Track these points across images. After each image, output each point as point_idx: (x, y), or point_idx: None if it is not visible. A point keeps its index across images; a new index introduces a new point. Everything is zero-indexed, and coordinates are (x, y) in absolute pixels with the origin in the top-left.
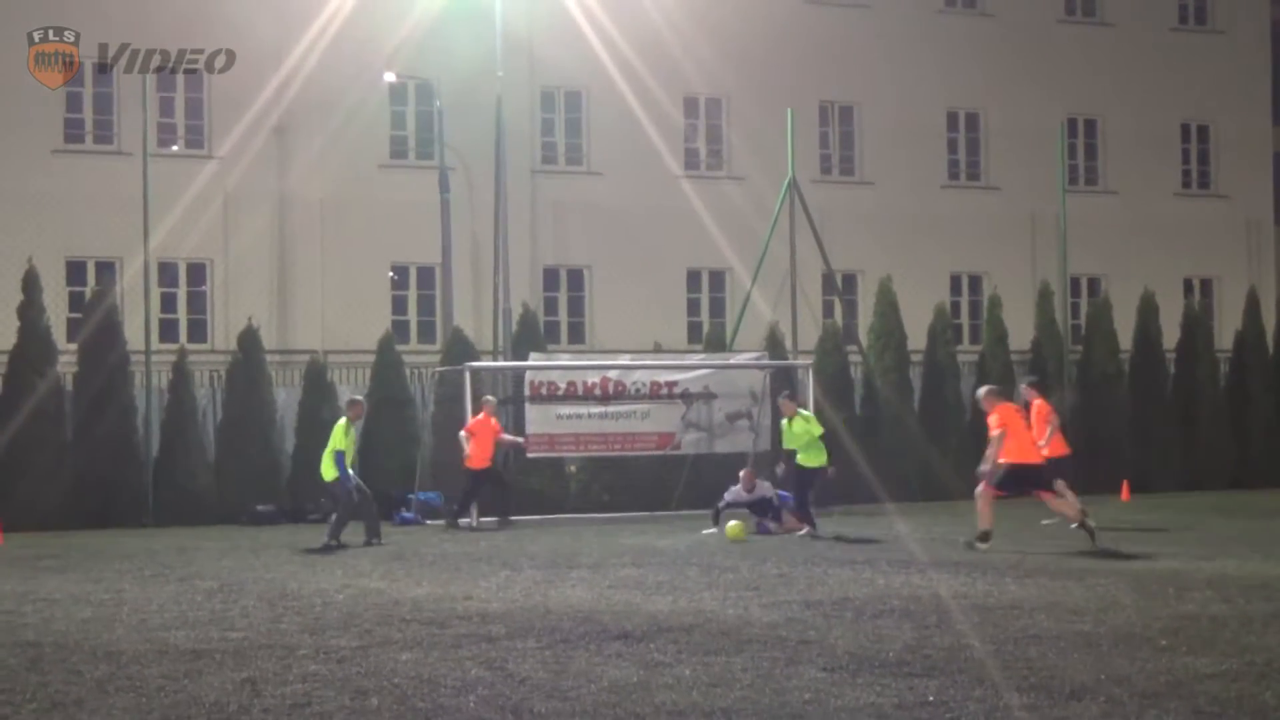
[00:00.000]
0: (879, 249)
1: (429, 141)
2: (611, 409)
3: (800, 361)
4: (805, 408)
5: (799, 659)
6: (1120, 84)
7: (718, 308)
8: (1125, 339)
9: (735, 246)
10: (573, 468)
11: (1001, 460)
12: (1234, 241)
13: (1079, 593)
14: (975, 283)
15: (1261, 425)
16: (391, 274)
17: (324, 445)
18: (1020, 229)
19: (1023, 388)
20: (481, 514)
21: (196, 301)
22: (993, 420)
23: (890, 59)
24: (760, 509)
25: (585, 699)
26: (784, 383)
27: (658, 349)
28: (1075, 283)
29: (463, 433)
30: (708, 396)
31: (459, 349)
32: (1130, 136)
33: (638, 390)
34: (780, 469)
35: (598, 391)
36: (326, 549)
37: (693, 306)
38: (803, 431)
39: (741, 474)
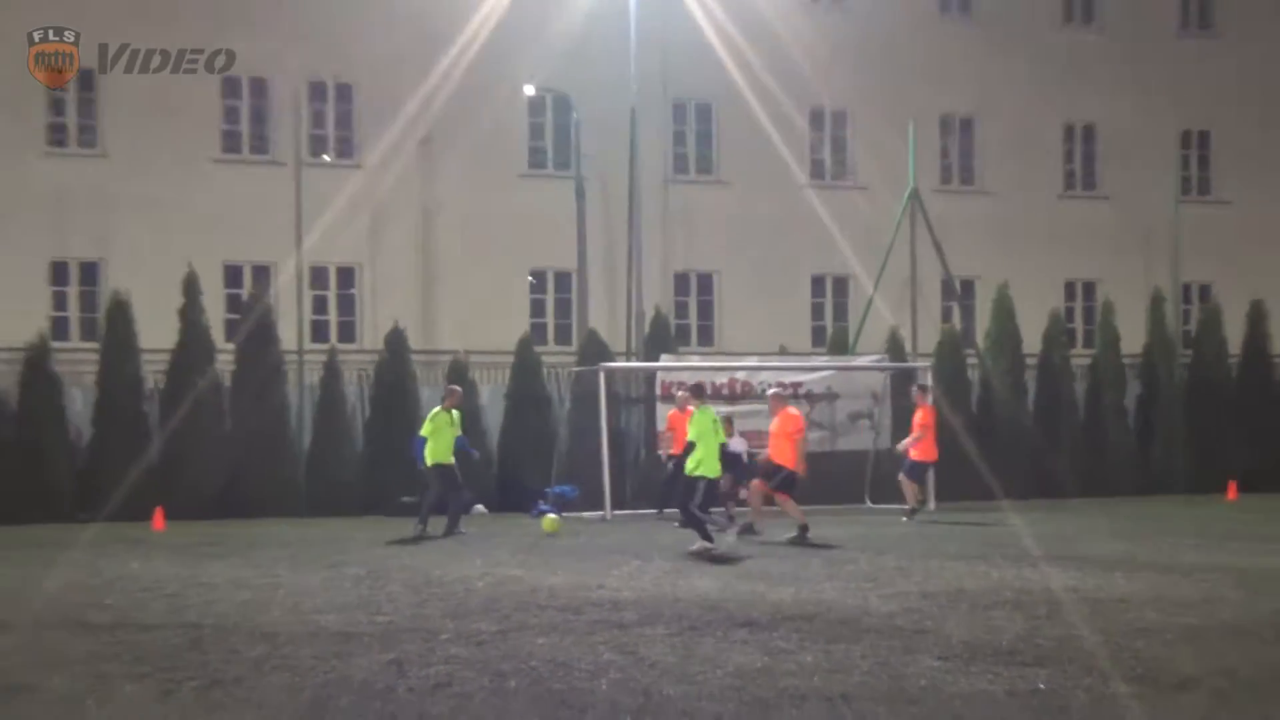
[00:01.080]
0: (996, 256)
1: (566, 152)
2: (739, 408)
3: (920, 364)
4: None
5: (915, 647)
6: (1235, 97)
7: (841, 312)
8: (1235, 344)
9: (858, 253)
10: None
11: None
12: None
13: (1186, 587)
14: (1089, 289)
15: None
16: (530, 279)
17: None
18: (1134, 238)
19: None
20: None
21: (346, 304)
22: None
23: (1008, 73)
24: (729, 463)
25: (712, 683)
26: (904, 385)
27: (783, 351)
28: (1186, 290)
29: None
30: (831, 397)
31: (594, 350)
32: (1243, 148)
33: (764, 391)
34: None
35: (725, 391)
36: (450, 535)
37: (817, 311)
38: None
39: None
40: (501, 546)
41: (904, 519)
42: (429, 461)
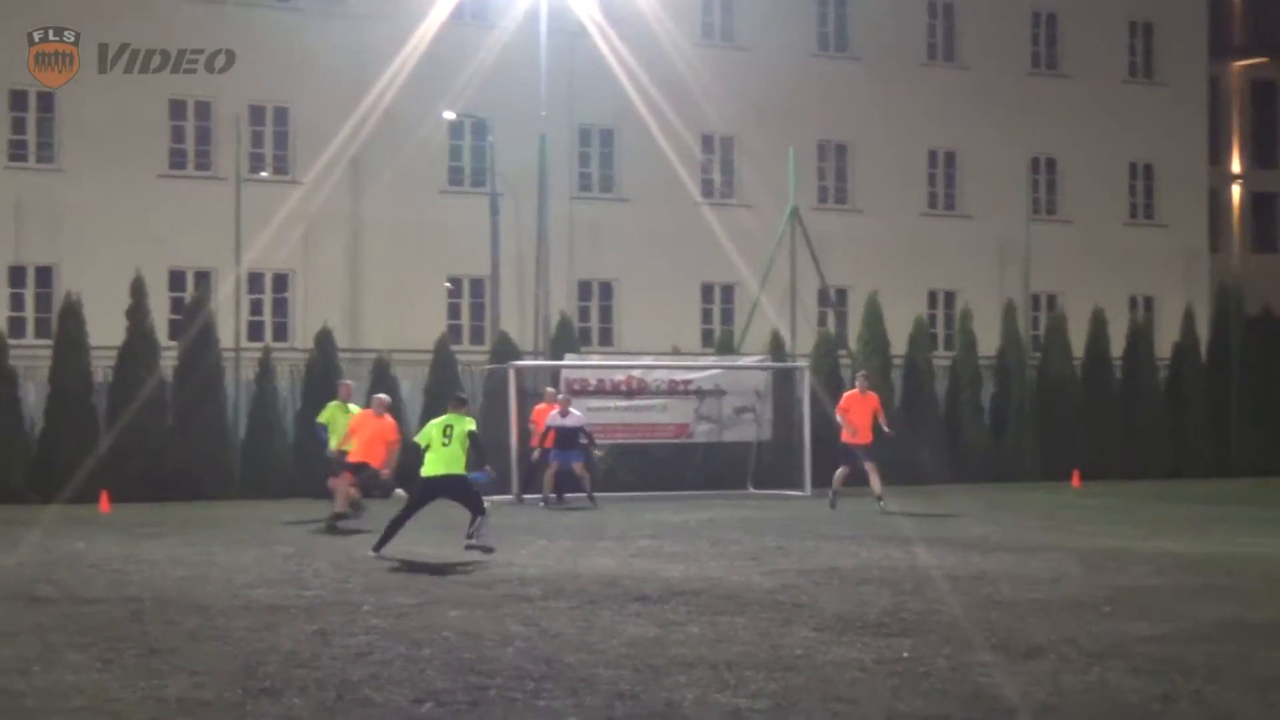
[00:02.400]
0: (867, 268)
1: (482, 171)
2: (635, 403)
3: (798, 364)
4: (803, 403)
5: (793, 620)
6: (1077, 128)
7: (728, 316)
8: (1079, 348)
9: (744, 263)
10: (600, 453)
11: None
12: (1173, 265)
13: (1035, 565)
14: (950, 298)
15: (1196, 423)
16: (448, 284)
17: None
18: (990, 252)
19: (860, 378)
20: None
21: (280, 307)
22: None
23: (879, 104)
24: (568, 438)
25: (609, 652)
26: (785, 382)
27: (675, 351)
28: (1036, 299)
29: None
30: (718, 393)
31: (505, 349)
32: (1085, 173)
33: (658, 387)
34: (599, 453)
35: (624, 387)
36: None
37: (706, 315)
38: None
39: (560, 397)
40: (417, 528)
41: (829, 506)
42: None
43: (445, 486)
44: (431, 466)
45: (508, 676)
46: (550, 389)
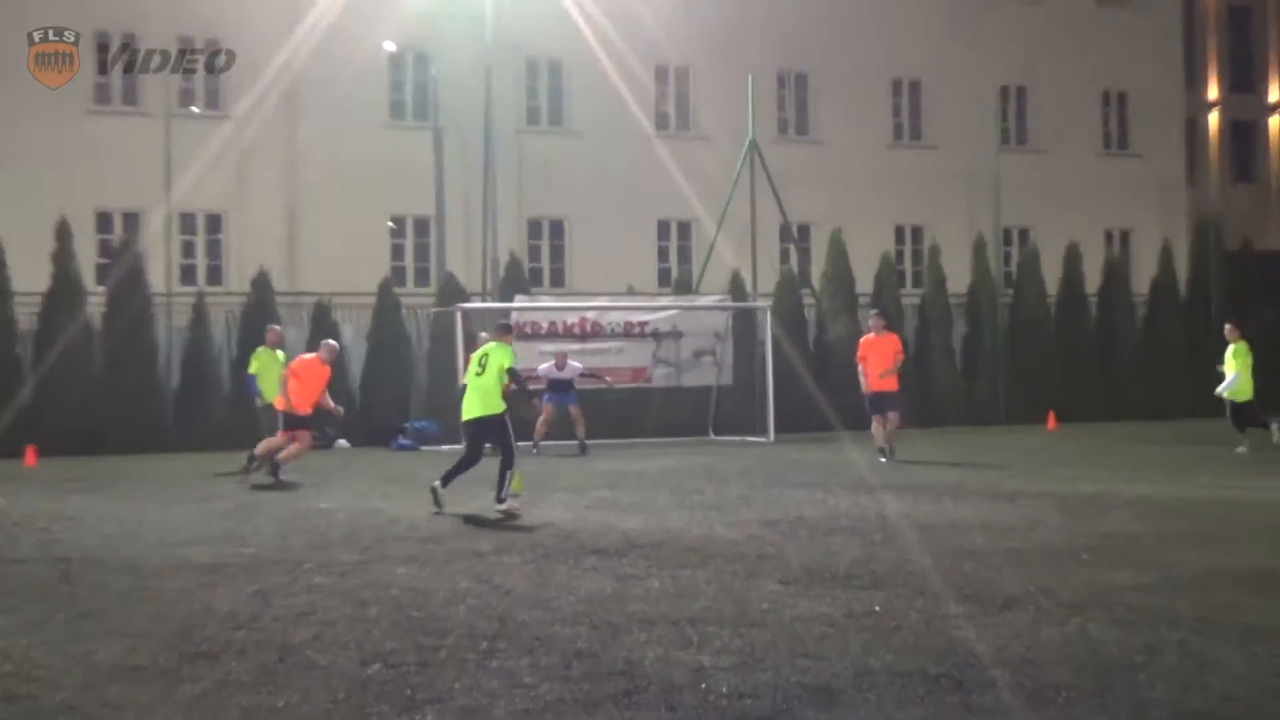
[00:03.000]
0: (830, 203)
1: (425, 105)
2: (589, 346)
3: (759, 304)
4: (764, 345)
5: (758, 573)
6: (1048, 54)
7: (685, 255)
8: (1052, 285)
9: (701, 200)
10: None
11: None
12: (1149, 198)
13: (1011, 513)
14: (917, 233)
15: (1174, 361)
16: (391, 224)
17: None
18: (958, 185)
19: (874, 318)
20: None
21: (213, 249)
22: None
23: (841, 31)
24: (561, 388)
25: (564, 608)
26: (745, 324)
27: (631, 292)
28: (1007, 234)
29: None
30: (676, 335)
31: (451, 292)
32: (1056, 102)
33: (613, 329)
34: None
35: (576, 330)
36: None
37: (662, 253)
38: None
39: (554, 354)
40: (362, 479)
41: (881, 459)
42: (266, 398)
43: (484, 429)
44: (468, 407)
45: (459, 636)
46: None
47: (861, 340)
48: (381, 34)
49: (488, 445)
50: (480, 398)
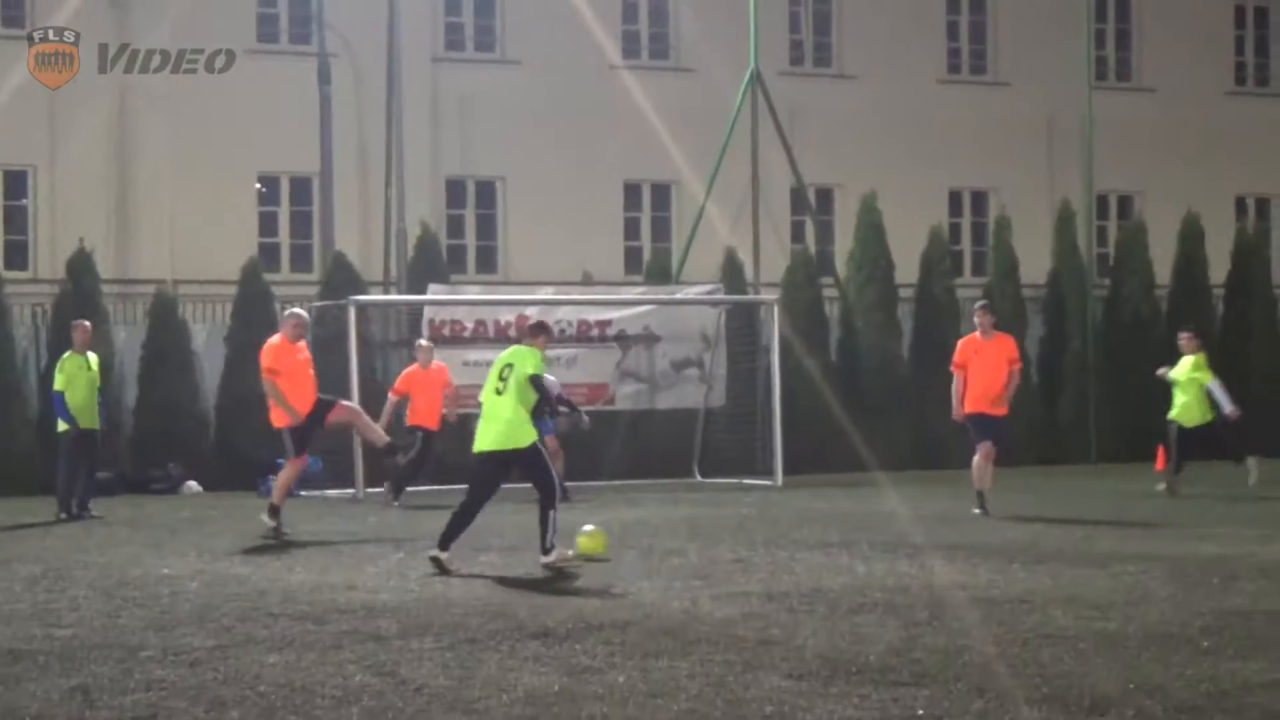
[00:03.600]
0: (861, 158)
1: (305, 21)
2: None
3: (764, 296)
4: (770, 354)
5: (758, 663)
6: None
7: (662, 230)
8: (1163, 271)
9: (685, 154)
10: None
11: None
12: None
13: (1103, 583)
14: (979, 201)
15: None
16: (259, 186)
17: (173, 396)
18: (1035, 135)
19: (979, 312)
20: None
21: (16, 219)
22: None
23: None
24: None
25: (495, 712)
26: (744, 324)
27: (587, 280)
28: (1103, 202)
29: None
30: (649, 339)
31: (342, 279)
32: (1171, 21)
33: (563, 331)
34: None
35: (513, 332)
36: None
37: (631, 228)
38: None
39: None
40: (220, 535)
41: (975, 510)
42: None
43: (504, 465)
44: (482, 436)
45: None
46: (423, 342)
47: (962, 343)
48: None
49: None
50: (501, 424)
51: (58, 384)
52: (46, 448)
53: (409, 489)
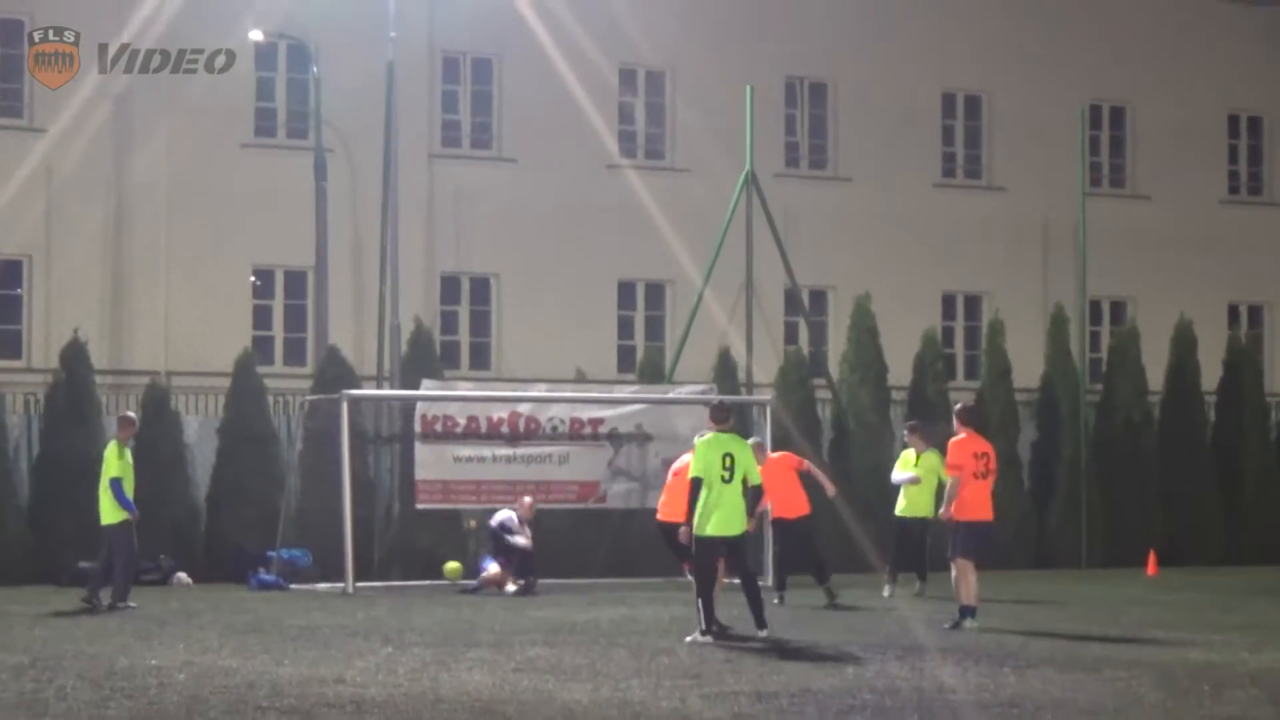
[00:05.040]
0: (855, 260)
1: (303, 117)
2: (522, 451)
3: (758, 397)
4: (763, 451)
5: None
6: (1154, 65)
7: (655, 328)
8: (1156, 377)
9: (679, 253)
10: (472, 523)
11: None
12: None
13: (1093, 688)
14: (973, 304)
15: None
16: (253, 279)
17: (165, 487)
18: (1030, 239)
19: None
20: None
21: (10, 308)
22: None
23: (871, 27)
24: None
25: None
26: (738, 424)
27: (580, 378)
28: (1095, 307)
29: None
30: (641, 438)
31: (335, 373)
32: (1166, 129)
33: (555, 429)
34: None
35: (505, 429)
36: (92, 609)
37: (625, 326)
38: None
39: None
40: (209, 627)
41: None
42: (107, 519)
43: (734, 548)
44: (718, 520)
45: None
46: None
47: (953, 443)
48: (245, 19)
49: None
50: (730, 508)
51: (116, 471)
52: (39, 535)
53: None
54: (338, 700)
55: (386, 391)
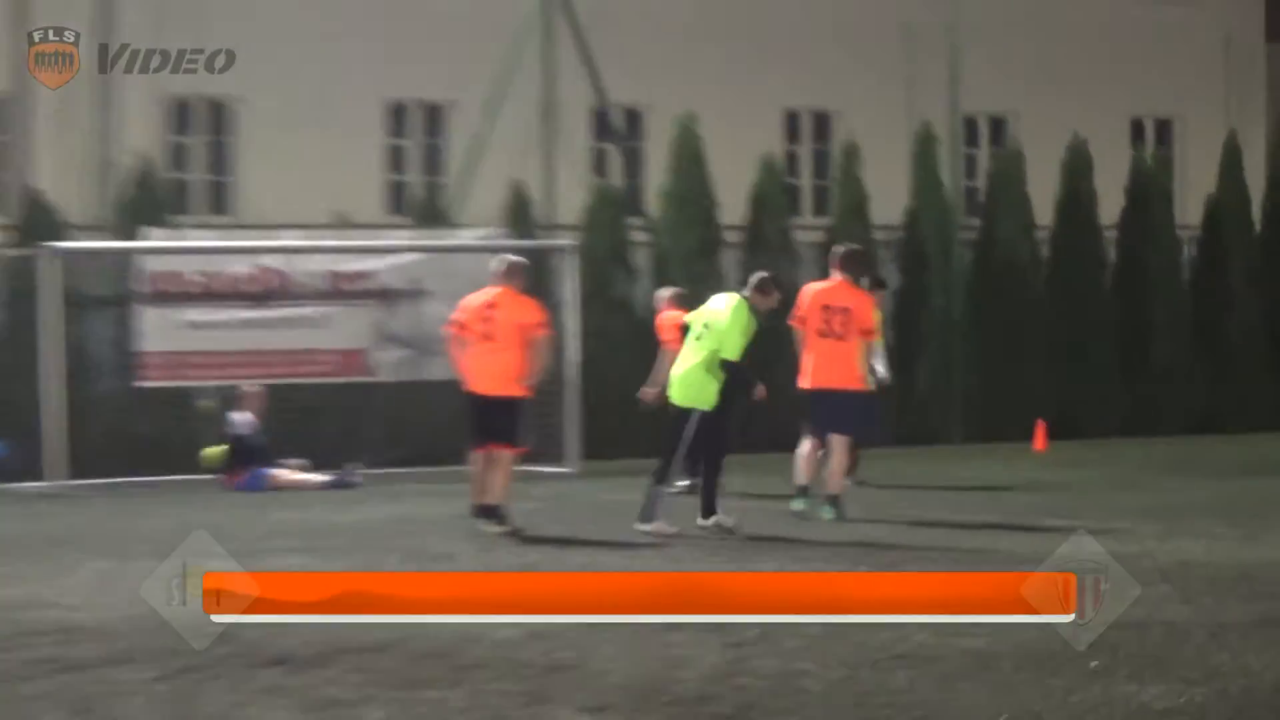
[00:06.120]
0: (677, 70)
1: None
2: (270, 314)
3: (559, 241)
4: (563, 309)
5: (547, 694)
6: None
7: (434, 160)
8: (1044, 209)
9: (460, 65)
10: (209, 403)
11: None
12: (1206, 67)
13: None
14: (822, 122)
15: (1241, 337)
16: None
17: None
18: (889, 44)
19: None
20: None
21: None
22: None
23: None
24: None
25: None
26: (536, 275)
27: (341, 223)
28: (972, 124)
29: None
30: (418, 295)
31: (38, 221)
32: None
33: (311, 286)
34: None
35: (250, 288)
36: None
37: (395, 157)
38: None
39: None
40: None
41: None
42: None
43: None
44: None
45: None
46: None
47: (805, 291)
48: None
49: None
50: (683, 374)
51: None
52: None
53: None
54: (41, 625)
55: (100, 244)
